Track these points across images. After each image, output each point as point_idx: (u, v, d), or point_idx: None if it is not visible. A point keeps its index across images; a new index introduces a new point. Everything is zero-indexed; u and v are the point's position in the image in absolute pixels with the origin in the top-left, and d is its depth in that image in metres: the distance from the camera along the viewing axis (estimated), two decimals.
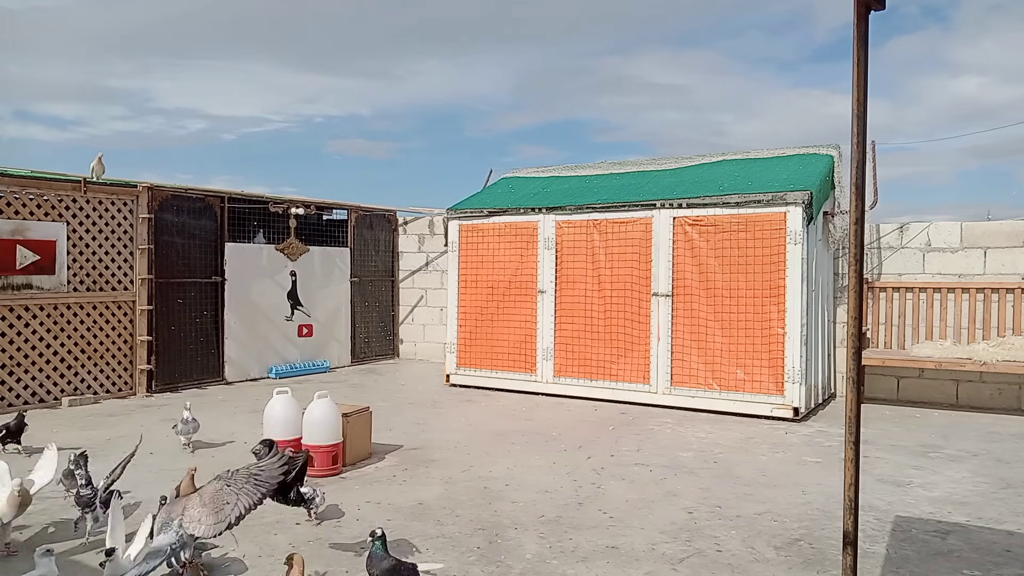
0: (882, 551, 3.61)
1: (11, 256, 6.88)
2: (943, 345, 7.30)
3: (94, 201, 7.51)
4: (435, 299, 10.94)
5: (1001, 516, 4.14)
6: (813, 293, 7.02)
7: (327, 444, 4.89)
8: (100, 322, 7.56)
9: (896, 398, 7.84)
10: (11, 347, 6.91)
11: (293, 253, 9.54)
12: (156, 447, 5.63)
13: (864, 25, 2.49)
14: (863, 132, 2.52)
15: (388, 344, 11.17)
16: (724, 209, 7.00)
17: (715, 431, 6.30)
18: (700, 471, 5.06)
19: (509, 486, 4.68)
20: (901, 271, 7.91)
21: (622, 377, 7.52)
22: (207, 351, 8.55)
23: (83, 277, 7.43)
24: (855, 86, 2.50)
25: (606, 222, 7.64)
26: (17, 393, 6.96)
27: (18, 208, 6.95)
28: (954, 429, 6.45)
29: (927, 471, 5.07)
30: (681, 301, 7.22)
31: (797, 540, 3.76)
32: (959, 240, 7.66)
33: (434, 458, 5.37)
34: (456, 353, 8.60)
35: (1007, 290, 7.27)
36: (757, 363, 6.85)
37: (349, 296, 10.41)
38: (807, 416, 6.88)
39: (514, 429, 6.38)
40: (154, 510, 3.36)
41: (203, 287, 8.51)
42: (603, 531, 3.88)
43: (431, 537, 3.77)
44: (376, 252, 10.89)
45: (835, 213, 7.66)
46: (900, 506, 4.30)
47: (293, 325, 9.57)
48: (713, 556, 3.55)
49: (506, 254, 8.28)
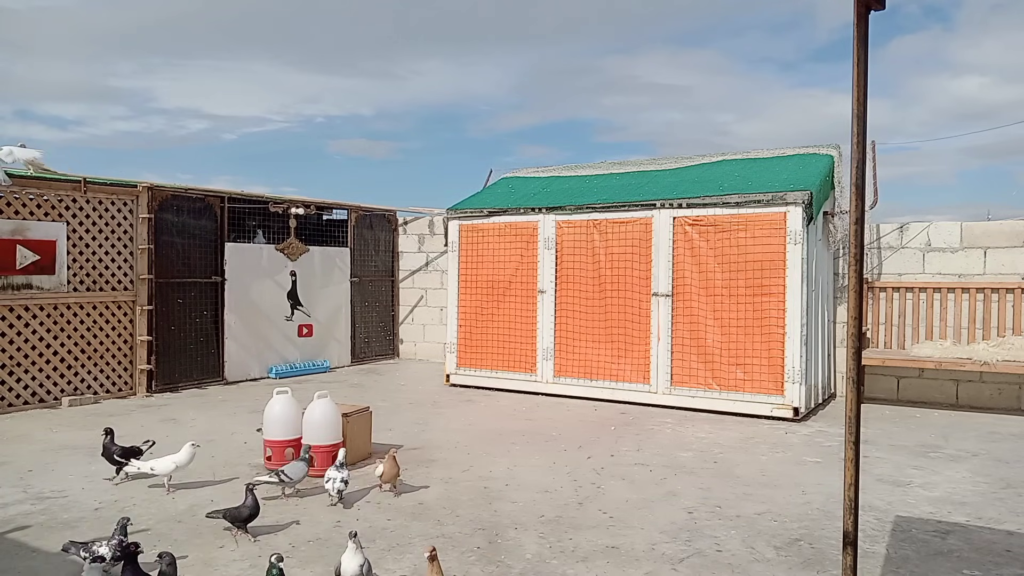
0: (882, 551, 3.61)
1: (11, 256, 6.88)
2: (943, 345, 7.31)
3: (94, 201, 7.51)
4: (435, 299, 10.94)
5: (1001, 516, 4.14)
6: (813, 293, 7.02)
7: (327, 444, 4.89)
8: (100, 322, 7.56)
9: (896, 398, 7.84)
10: (11, 347, 6.91)
11: (293, 253, 9.54)
12: (156, 447, 5.62)
13: (864, 25, 2.49)
14: (863, 132, 2.52)
15: (388, 344, 11.17)
16: (724, 209, 7.00)
17: (715, 431, 6.30)
18: (700, 471, 5.06)
19: (509, 486, 4.68)
20: (901, 271, 7.91)
21: (622, 377, 7.52)
22: (207, 351, 8.55)
23: (83, 277, 7.43)
24: (855, 86, 2.49)
25: (606, 222, 7.64)
26: (17, 393, 6.96)
27: (18, 208, 6.95)
28: (954, 429, 6.45)
29: (927, 471, 5.07)
30: (681, 301, 7.22)
31: (797, 540, 3.76)
32: (959, 240, 7.66)
33: (434, 458, 5.37)
34: (456, 353, 8.60)
35: (1007, 290, 7.27)
36: (757, 363, 6.85)
37: (349, 296, 10.41)
38: (807, 416, 6.88)
39: (514, 429, 6.38)
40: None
41: (203, 287, 8.51)
42: (603, 531, 3.88)
43: (431, 537, 3.77)
44: (376, 252, 10.89)
45: (835, 213, 7.66)
46: (900, 506, 4.30)
47: (293, 325, 9.57)
48: (713, 556, 3.55)
49: (506, 254, 8.28)
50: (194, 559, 3.48)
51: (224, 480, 4.78)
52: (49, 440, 5.84)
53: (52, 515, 4.08)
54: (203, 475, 4.82)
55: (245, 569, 3.38)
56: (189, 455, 4.50)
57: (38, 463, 5.11)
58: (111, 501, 4.33)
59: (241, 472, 4.96)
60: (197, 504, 4.28)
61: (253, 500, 3.72)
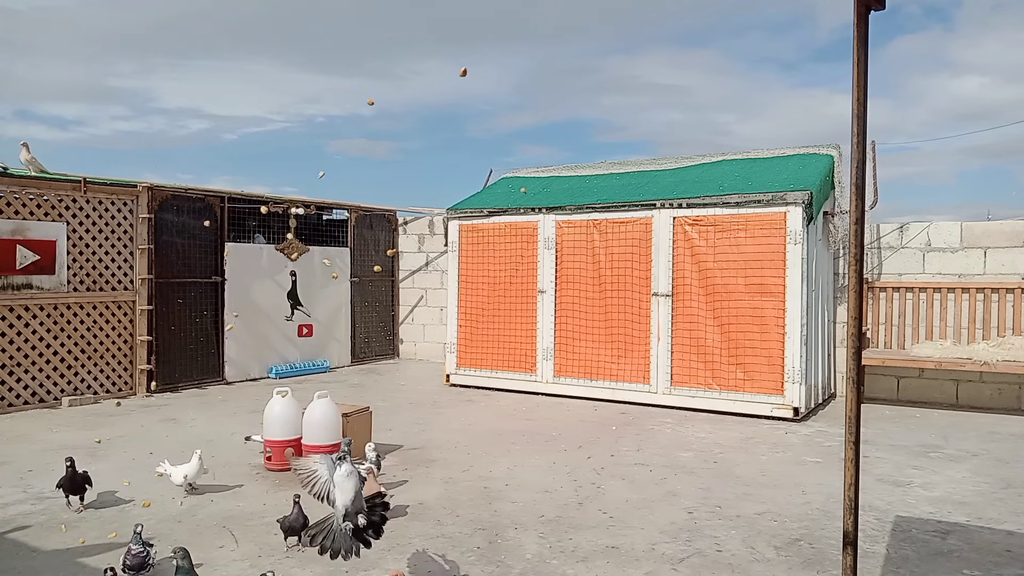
0: (882, 551, 3.61)
1: (11, 256, 6.87)
2: (943, 345, 7.30)
3: (94, 201, 7.51)
4: (435, 299, 10.94)
5: (1001, 516, 4.14)
6: (813, 293, 7.02)
7: (327, 444, 4.89)
8: (100, 322, 7.56)
9: (896, 398, 7.84)
10: (11, 347, 6.91)
11: (293, 253, 9.54)
12: (156, 447, 5.63)
13: (864, 25, 2.49)
14: (863, 132, 2.52)
15: (388, 344, 11.17)
16: (724, 209, 7.00)
17: (715, 431, 6.30)
18: (700, 471, 5.05)
19: (509, 486, 4.68)
20: (901, 271, 7.91)
21: (622, 377, 7.52)
22: (207, 351, 8.55)
23: (83, 277, 7.43)
24: (855, 86, 2.50)
25: (606, 222, 7.64)
26: (17, 393, 6.95)
27: (18, 208, 6.95)
28: (954, 429, 6.45)
29: (927, 471, 5.07)
30: (681, 301, 7.22)
31: (797, 540, 3.76)
32: (959, 240, 7.65)
33: (434, 458, 5.37)
34: (456, 353, 8.59)
35: (1007, 290, 7.27)
36: (757, 363, 6.85)
37: (349, 296, 10.41)
38: (807, 416, 6.88)
39: (514, 429, 6.38)
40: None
41: (203, 287, 8.51)
42: (603, 531, 3.88)
43: (431, 537, 3.77)
44: (376, 252, 10.88)
45: (835, 213, 7.66)
46: (900, 506, 4.30)
47: (293, 325, 9.57)
48: (713, 556, 3.55)
49: (506, 254, 8.28)
50: (194, 559, 3.47)
51: (223, 482, 4.78)
52: (49, 440, 5.84)
53: (52, 515, 4.08)
54: (202, 476, 4.81)
55: (245, 569, 3.38)
56: (198, 464, 4.42)
57: (38, 463, 5.11)
58: (111, 501, 4.33)
59: (241, 472, 4.97)
60: (197, 504, 4.28)
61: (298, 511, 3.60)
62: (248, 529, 3.89)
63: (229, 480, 4.77)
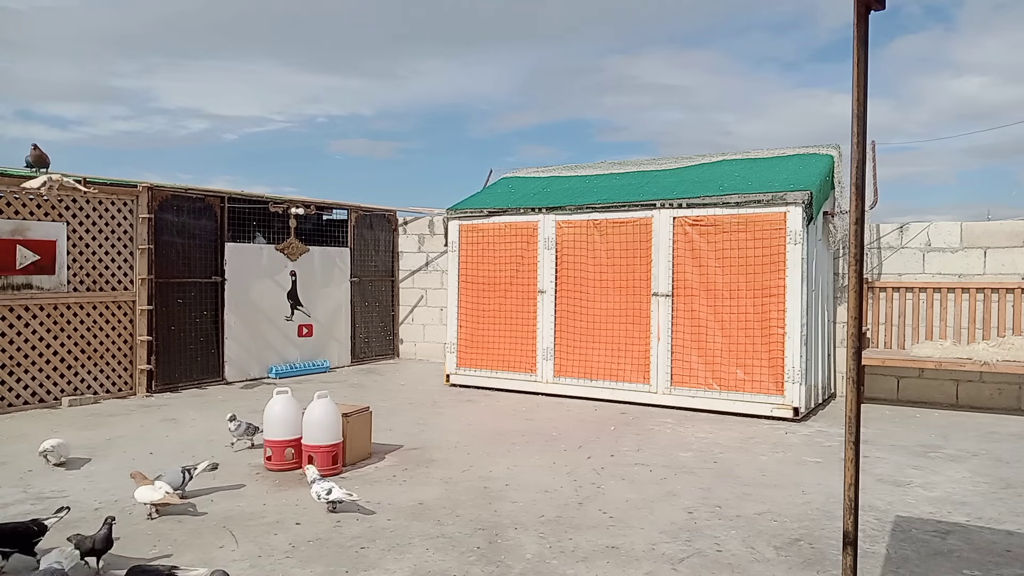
0: (882, 551, 3.61)
1: (11, 256, 6.87)
2: (943, 345, 7.30)
3: (94, 201, 7.51)
4: (435, 299, 10.94)
5: (1001, 516, 4.14)
6: (813, 293, 7.02)
7: (327, 444, 4.89)
8: (100, 322, 7.56)
9: (896, 398, 7.84)
10: (11, 347, 6.91)
11: (293, 253, 9.54)
12: (156, 447, 5.63)
13: (864, 25, 2.49)
14: (863, 132, 2.52)
15: (388, 344, 11.17)
16: (724, 209, 7.00)
17: (715, 431, 6.30)
18: (700, 471, 5.06)
19: (509, 486, 4.68)
20: (901, 271, 7.91)
21: (622, 377, 7.52)
22: (207, 351, 8.55)
23: (83, 277, 7.43)
24: (855, 86, 2.50)
25: (606, 222, 7.64)
26: (17, 393, 6.95)
27: (18, 208, 6.95)
28: (954, 429, 6.45)
29: (927, 471, 5.07)
30: (681, 301, 7.22)
31: (797, 540, 3.76)
32: (959, 240, 7.66)
33: (434, 458, 5.37)
34: (456, 353, 8.59)
35: (1007, 290, 7.27)
36: (757, 363, 6.85)
37: (349, 296, 10.41)
38: (807, 416, 6.88)
39: (514, 429, 6.38)
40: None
41: (203, 287, 8.51)
42: (603, 531, 3.88)
43: (431, 537, 3.77)
44: (376, 252, 10.89)
45: (835, 213, 7.66)
46: (900, 506, 4.30)
47: (293, 325, 9.57)
48: (713, 556, 3.55)
49: (506, 254, 8.28)
50: (194, 559, 3.48)
51: (223, 482, 4.78)
52: (50, 440, 5.83)
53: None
54: (203, 475, 4.81)
55: (245, 569, 3.38)
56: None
57: (38, 463, 5.11)
58: (111, 501, 4.33)
59: (241, 472, 4.97)
60: (197, 504, 4.28)
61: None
62: (248, 529, 3.89)
63: (229, 480, 4.77)
